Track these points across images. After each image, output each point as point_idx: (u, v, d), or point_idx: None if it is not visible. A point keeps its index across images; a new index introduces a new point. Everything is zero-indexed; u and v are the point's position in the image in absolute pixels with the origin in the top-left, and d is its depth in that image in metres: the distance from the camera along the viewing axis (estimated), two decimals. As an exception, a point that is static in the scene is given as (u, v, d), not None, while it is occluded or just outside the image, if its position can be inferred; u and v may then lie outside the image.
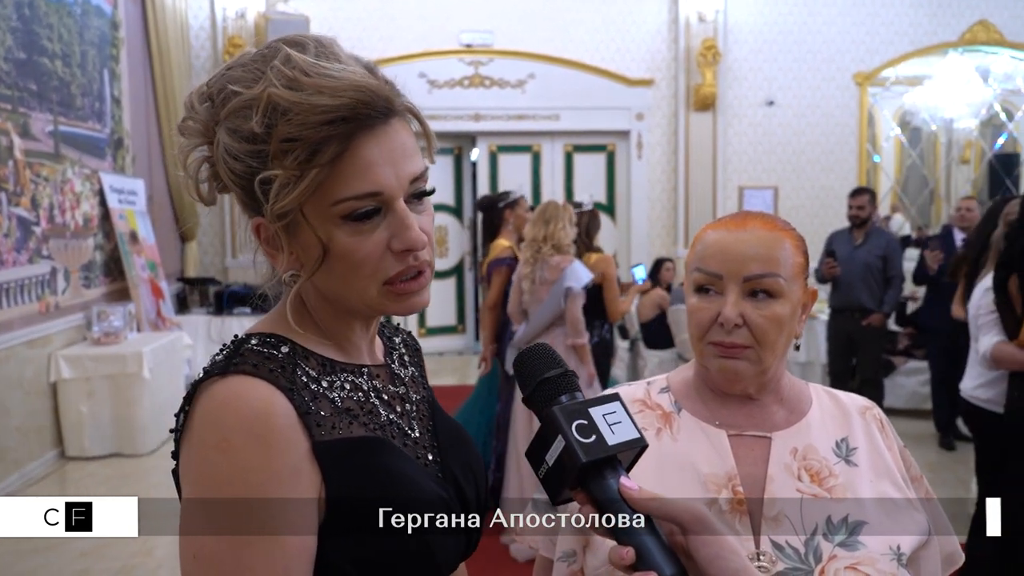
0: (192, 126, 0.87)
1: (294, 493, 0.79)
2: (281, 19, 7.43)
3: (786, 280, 1.04)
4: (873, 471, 1.06)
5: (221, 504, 0.78)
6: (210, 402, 0.80)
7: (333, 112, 0.79)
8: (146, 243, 6.66)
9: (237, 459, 0.77)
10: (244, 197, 0.86)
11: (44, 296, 5.24)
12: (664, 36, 8.30)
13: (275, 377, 0.82)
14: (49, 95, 5.43)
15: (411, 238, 0.84)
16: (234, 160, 0.83)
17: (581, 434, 0.75)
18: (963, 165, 10.17)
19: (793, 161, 8.53)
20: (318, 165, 0.80)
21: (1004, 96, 9.59)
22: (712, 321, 1.04)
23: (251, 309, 6.94)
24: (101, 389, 5.31)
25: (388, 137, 0.84)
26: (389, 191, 0.84)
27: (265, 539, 0.77)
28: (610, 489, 0.75)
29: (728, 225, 1.07)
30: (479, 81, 8.22)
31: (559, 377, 0.81)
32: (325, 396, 0.86)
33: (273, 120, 0.80)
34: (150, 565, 3.67)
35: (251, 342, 0.87)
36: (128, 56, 6.83)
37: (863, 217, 5.21)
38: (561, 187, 8.47)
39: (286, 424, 0.80)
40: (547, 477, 0.77)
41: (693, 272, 1.08)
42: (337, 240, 0.83)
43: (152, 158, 7.39)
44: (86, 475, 4.98)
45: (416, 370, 1.07)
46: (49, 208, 5.34)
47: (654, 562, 0.72)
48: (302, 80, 0.80)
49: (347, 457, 0.84)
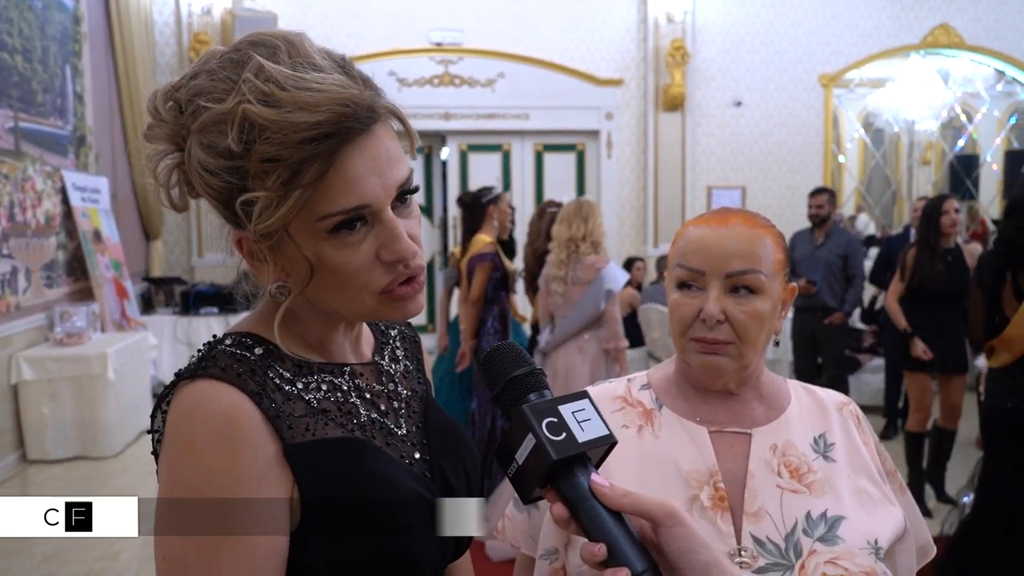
0: (159, 132, 0.83)
1: (261, 495, 0.79)
2: (248, 15, 7.34)
3: (767, 276, 1.05)
4: (851, 466, 1.07)
5: (188, 505, 0.77)
6: (179, 405, 0.80)
7: (314, 129, 0.76)
8: (110, 242, 6.54)
9: (202, 461, 0.77)
10: (224, 211, 0.83)
11: (4, 296, 5.13)
12: (633, 36, 8.35)
13: (243, 381, 0.81)
14: (9, 91, 5.31)
15: (401, 249, 0.83)
16: (211, 175, 0.80)
17: (551, 432, 0.75)
18: (924, 166, 10.38)
19: (760, 161, 8.63)
20: (301, 186, 0.77)
21: (964, 99, 9.81)
22: (694, 317, 1.05)
23: (218, 309, 6.85)
24: (64, 391, 5.20)
25: (372, 146, 0.81)
26: (376, 202, 0.81)
27: (232, 540, 0.77)
28: (581, 486, 0.76)
29: (710, 222, 1.08)
30: (449, 80, 8.20)
31: (527, 375, 0.81)
32: (300, 398, 0.85)
33: (251, 137, 0.76)
34: (115, 569, 3.61)
35: (225, 343, 0.86)
36: (91, 52, 6.70)
37: (822, 216, 5.29)
38: (531, 186, 8.48)
39: (251, 427, 0.79)
40: (517, 476, 0.77)
41: (675, 268, 1.08)
42: (325, 255, 0.81)
43: (116, 155, 7.26)
44: (49, 478, 4.88)
45: (411, 364, 1.05)
46: (9, 206, 5.22)
47: (625, 558, 0.72)
48: (279, 95, 0.75)
49: (320, 458, 0.83)
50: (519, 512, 1.18)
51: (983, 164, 9.87)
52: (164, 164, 0.84)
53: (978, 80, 9.58)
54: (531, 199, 8.44)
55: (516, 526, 1.18)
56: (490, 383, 0.82)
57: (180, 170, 0.84)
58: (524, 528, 1.17)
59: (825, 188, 5.49)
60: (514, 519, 1.19)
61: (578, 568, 1.03)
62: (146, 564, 3.68)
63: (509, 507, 1.21)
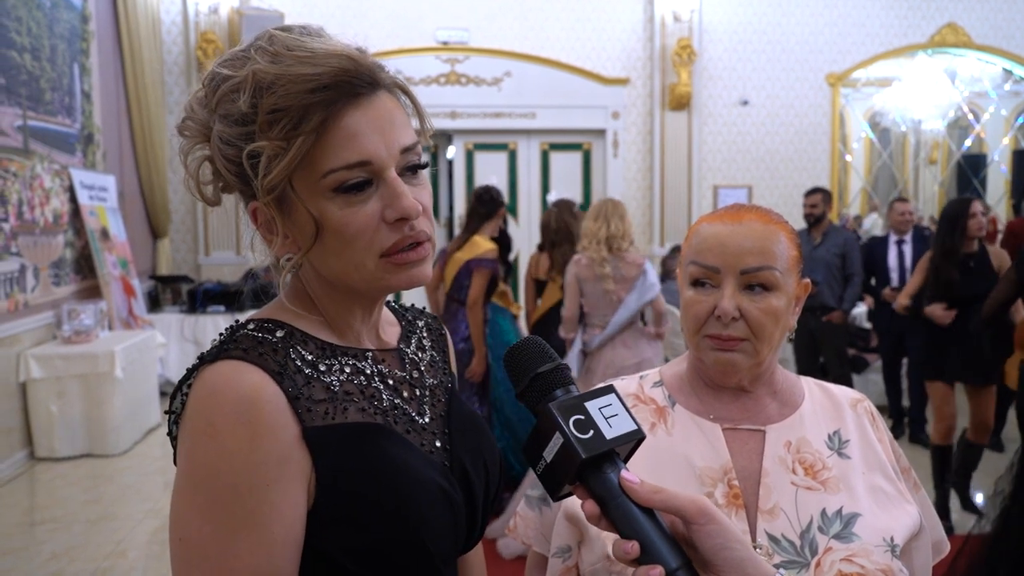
0: (191, 125, 0.87)
1: (281, 479, 0.79)
2: (255, 14, 7.35)
3: (781, 273, 1.04)
4: (865, 463, 1.06)
5: (208, 488, 0.78)
6: (200, 388, 0.80)
7: (315, 80, 0.80)
8: (117, 240, 6.56)
9: (223, 444, 0.77)
10: (240, 184, 0.86)
11: (13, 294, 5.14)
12: (640, 35, 8.34)
13: (264, 361, 0.81)
14: (18, 89, 5.33)
15: (404, 206, 0.83)
16: (227, 146, 0.83)
17: (579, 430, 0.74)
18: (931, 166, 10.35)
19: (767, 160, 8.61)
20: (303, 133, 0.80)
21: (971, 98, 9.77)
22: (709, 314, 1.04)
23: (225, 307, 6.87)
24: (72, 389, 5.21)
25: (373, 107, 0.83)
26: (378, 160, 0.83)
27: (250, 524, 0.77)
28: (610, 483, 0.75)
29: (724, 218, 1.07)
30: (455, 79, 8.20)
31: (552, 371, 0.80)
32: (320, 380, 0.86)
33: (259, 97, 0.80)
34: (123, 567, 3.61)
35: (248, 327, 0.87)
36: (99, 50, 6.72)
37: (817, 215, 5.33)
38: (537, 185, 8.48)
39: (274, 409, 0.79)
40: (545, 473, 0.77)
41: (689, 265, 1.08)
42: (329, 214, 0.83)
43: (123, 154, 7.28)
44: (56, 476, 4.89)
45: (437, 355, 1.05)
46: (18, 204, 5.23)
47: (659, 555, 0.71)
48: (284, 54, 0.81)
49: (339, 443, 0.83)
50: (531, 510, 1.18)
51: (990, 164, 9.83)
52: (194, 157, 0.88)
53: (985, 79, 9.55)
54: (537, 198, 8.43)
55: (528, 524, 1.18)
56: (514, 380, 0.81)
57: (209, 161, 0.87)
58: (536, 526, 1.17)
59: (820, 188, 5.51)
60: (526, 517, 1.19)
61: (591, 566, 1.03)
62: (153, 562, 3.69)
63: (521, 505, 1.20)
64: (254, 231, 0.90)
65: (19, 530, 4.08)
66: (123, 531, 4.01)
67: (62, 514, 4.27)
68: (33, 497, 4.64)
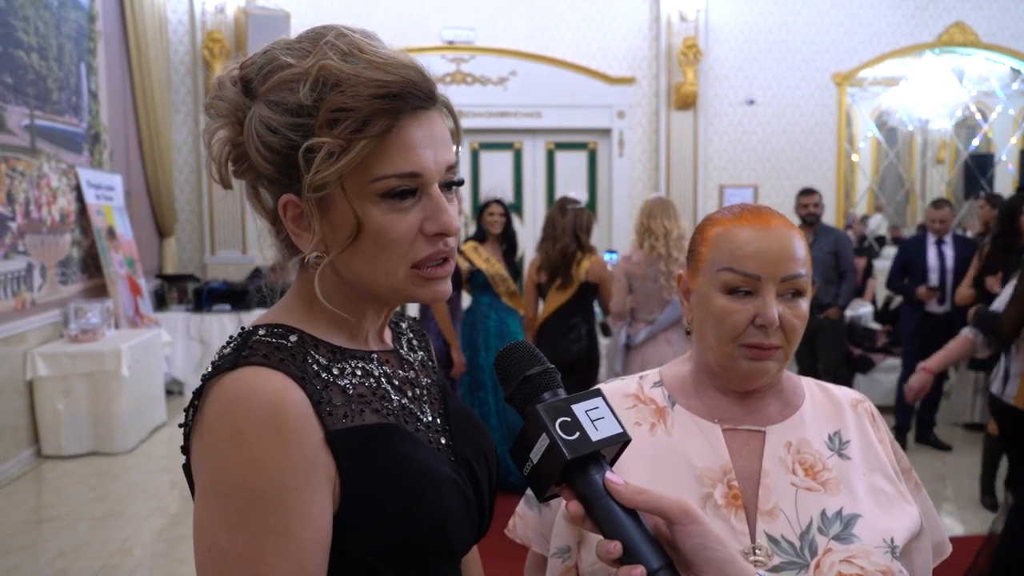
0: (220, 105, 0.87)
1: (309, 484, 0.79)
2: (261, 14, 7.36)
3: (806, 278, 1.04)
4: (866, 464, 1.06)
5: (237, 497, 0.77)
6: (223, 395, 0.79)
7: (386, 87, 0.81)
8: (124, 239, 6.58)
9: (251, 452, 0.76)
10: (275, 173, 0.85)
11: (20, 292, 5.16)
12: (645, 34, 8.33)
13: (287, 367, 0.81)
14: (25, 88, 5.35)
15: (446, 221, 0.85)
16: (272, 133, 0.83)
17: (565, 431, 0.76)
18: (938, 165, 10.30)
19: (773, 160, 8.59)
20: (367, 137, 0.80)
21: (979, 97, 9.72)
22: (748, 323, 1.02)
23: (231, 306, 6.88)
24: (78, 387, 5.24)
25: (430, 122, 0.85)
26: (428, 174, 0.84)
27: (281, 531, 0.77)
28: (595, 484, 0.76)
29: (752, 222, 1.04)
30: (461, 78, 8.20)
31: (541, 374, 0.81)
32: (336, 384, 0.86)
33: (323, 92, 0.81)
34: (129, 564, 3.63)
35: (259, 333, 0.86)
36: (105, 50, 6.74)
37: (817, 215, 5.40)
38: (543, 185, 8.48)
39: (300, 414, 0.79)
40: (532, 474, 0.78)
41: (723, 272, 1.04)
42: (372, 217, 0.83)
43: (130, 153, 7.30)
44: (63, 474, 4.92)
45: (424, 354, 1.07)
46: (25, 203, 5.26)
47: (641, 555, 0.72)
48: (357, 54, 0.82)
49: (360, 445, 0.83)
50: (530, 510, 1.18)
51: (998, 163, 9.78)
52: (218, 137, 0.88)
53: (993, 79, 9.49)
54: (542, 198, 8.43)
55: (527, 524, 1.18)
56: (504, 382, 0.83)
57: (233, 144, 0.87)
58: (535, 526, 1.17)
59: (814, 189, 5.55)
60: (525, 517, 1.19)
61: (591, 566, 1.03)
62: (159, 560, 3.70)
63: (520, 505, 1.21)
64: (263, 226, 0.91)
65: (25, 528, 4.10)
66: (129, 529, 4.02)
67: (68, 512, 4.29)
68: (40, 495, 4.66)
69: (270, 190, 0.88)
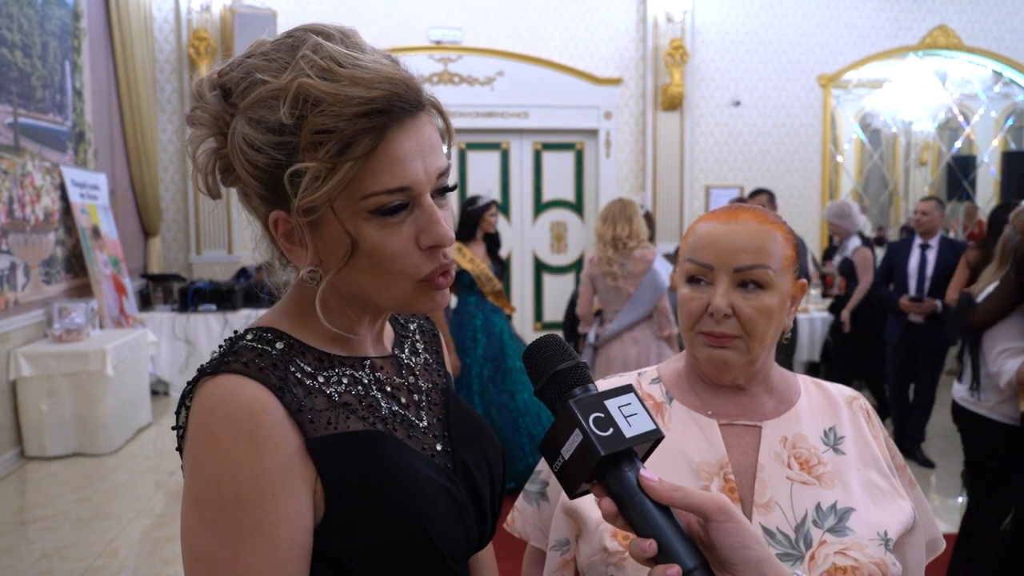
0: (202, 116, 0.84)
1: (285, 487, 0.79)
2: (247, 13, 7.32)
3: (775, 272, 1.05)
4: (860, 459, 1.08)
5: (213, 501, 0.77)
6: (202, 400, 0.80)
7: (368, 104, 0.78)
8: (108, 238, 6.53)
9: (227, 456, 0.77)
10: (262, 190, 0.83)
11: (3, 292, 5.12)
12: (632, 35, 8.36)
13: (264, 376, 0.81)
14: (9, 86, 5.30)
15: (439, 234, 0.83)
16: (255, 152, 0.81)
17: (598, 427, 0.74)
18: (921, 167, 10.40)
19: (758, 161, 8.64)
20: (352, 158, 0.78)
21: (961, 100, 9.83)
22: (702, 311, 1.06)
23: (216, 306, 6.85)
24: (62, 387, 5.19)
25: (417, 130, 0.82)
26: (418, 185, 0.82)
27: (256, 533, 0.77)
28: (628, 481, 0.74)
29: (720, 217, 1.09)
30: (448, 78, 8.20)
31: (571, 369, 0.79)
32: (321, 391, 0.86)
33: (304, 111, 0.78)
34: (113, 566, 3.60)
35: (247, 338, 0.86)
36: (90, 48, 6.69)
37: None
38: (530, 185, 8.49)
39: (274, 422, 0.79)
40: (563, 471, 0.76)
41: (685, 263, 1.10)
42: (366, 235, 0.82)
43: (115, 152, 7.25)
44: (47, 475, 4.87)
45: (431, 357, 1.05)
46: (8, 202, 5.21)
47: (677, 554, 0.71)
48: (336, 70, 0.78)
49: (343, 452, 0.83)
50: (529, 505, 1.19)
51: (980, 165, 9.89)
52: (203, 148, 0.85)
53: (976, 81, 9.60)
54: (530, 198, 8.44)
55: (526, 519, 1.19)
56: (533, 377, 0.81)
57: (218, 155, 0.85)
58: (534, 521, 1.17)
59: (764, 189, 5.54)
60: (524, 512, 1.19)
61: (589, 559, 1.04)
62: (144, 561, 3.68)
63: (519, 500, 1.21)
64: (253, 227, 0.89)
65: (9, 529, 4.06)
66: (114, 530, 4.00)
67: (53, 513, 4.25)
68: (24, 496, 4.62)
69: (259, 205, 0.86)
